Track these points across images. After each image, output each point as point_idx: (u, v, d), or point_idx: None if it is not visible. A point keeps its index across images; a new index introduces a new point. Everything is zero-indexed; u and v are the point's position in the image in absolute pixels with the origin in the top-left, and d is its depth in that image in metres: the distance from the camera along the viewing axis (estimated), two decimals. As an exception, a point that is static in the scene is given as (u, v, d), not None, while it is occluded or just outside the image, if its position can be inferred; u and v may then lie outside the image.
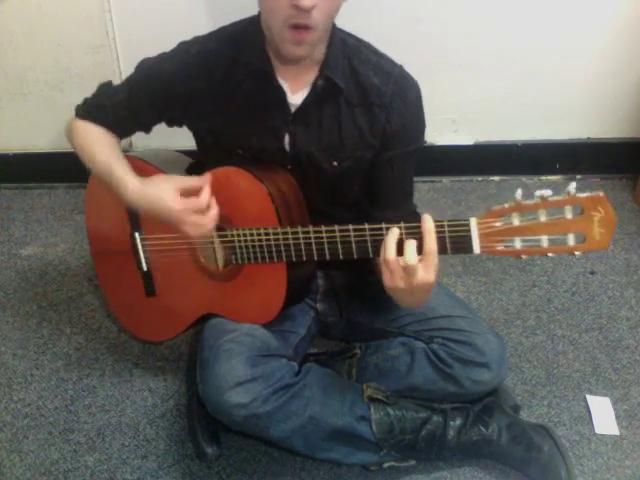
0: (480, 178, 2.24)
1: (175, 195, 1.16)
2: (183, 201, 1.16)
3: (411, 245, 1.02)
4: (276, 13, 1.07)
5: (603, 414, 1.46)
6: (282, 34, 1.09)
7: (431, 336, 1.33)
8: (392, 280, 1.05)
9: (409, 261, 1.01)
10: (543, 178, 2.20)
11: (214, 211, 1.18)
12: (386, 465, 1.33)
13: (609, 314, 1.72)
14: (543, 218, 0.96)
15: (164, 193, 1.17)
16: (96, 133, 1.33)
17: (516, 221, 0.98)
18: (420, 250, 1.02)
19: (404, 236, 1.05)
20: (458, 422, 1.31)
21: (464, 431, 1.31)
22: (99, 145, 1.30)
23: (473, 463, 1.36)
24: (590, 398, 1.49)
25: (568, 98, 2.10)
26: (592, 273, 1.85)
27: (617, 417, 1.45)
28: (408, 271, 1.02)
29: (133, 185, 1.21)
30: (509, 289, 1.81)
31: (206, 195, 1.17)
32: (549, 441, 1.30)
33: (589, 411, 1.47)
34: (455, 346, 1.30)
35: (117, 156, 1.28)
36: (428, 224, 1.02)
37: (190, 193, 1.17)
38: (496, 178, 2.24)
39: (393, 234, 1.05)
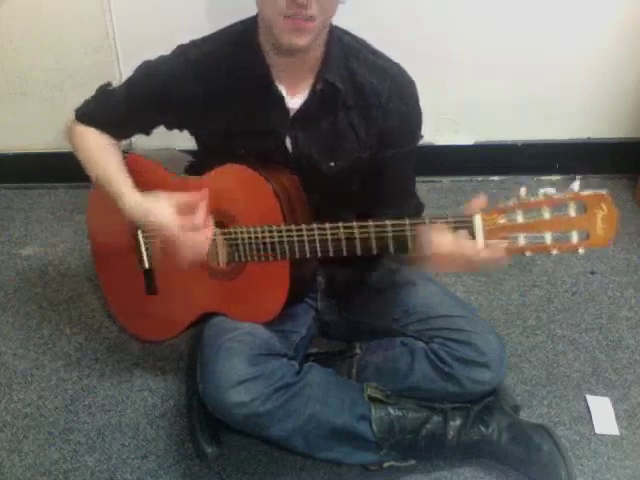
0: (480, 178, 2.24)
1: (171, 213, 1.16)
2: (179, 219, 1.16)
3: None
4: (272, 5, 1.07)
5: (603, 414, 1.46)
6: (279, 24, 1.08)
7: (431, 336, 1.33)
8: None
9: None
10: (543, 178, 2.20)
11: (209, 231, 1.18)
12: (386, 465, 1.33)
13: (609, 314, 1.72)
14: (547, 215, 0.97)
15: (161, 210, 1.17)
16: (96, 140, 1.33)
17: (520, 218, 0.99)
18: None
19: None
20: (458, 422, 1.31)
21: (464, 431, 1.31)
22: (99, 154, 1.31)
23: (473, 463, 1.36)
24: (590, 398, 1.49)
25: (568, 98, 2.10)
26: (592, 273, 1.85)
27: (617, 417, 1.45)
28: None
29: (130, 199, 1.23)
30: (509, 289, 1.81)
31: (202, 213, 1.16)
32: (549, 441, 1.30)
33: (589, 411, 1.47)
34: (455, 346, 1.30)
35: (117, 167, 1.30)
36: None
37: (188, 209, 1.17)
38: (496, 178, 2.24)
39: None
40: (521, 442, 1.30)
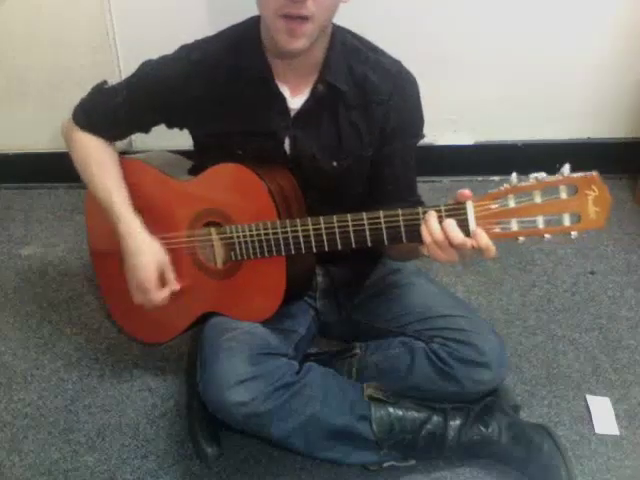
0: (480, 178, 2.24)
1: (153, 277, 1.28)
2: (156, 286, 1.29)
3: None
4: (269, 3, 1.07)
5: (603, 414, 1.46)
6: (276, 24, 1.08)
7: (431, 336, 1.33)
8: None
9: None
10: (543, 178, 2.19)
11: (163, 295, 1.30)
12: (386, 465, 1.33)
13: (609, 314, 1.72)
14: (538, 199, 0.98)
15: (147, 267, 1.28)
16: (95, 151, 1.34)
17: (512, 203, 1.00)
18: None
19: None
20: (458, 422, 1.31)
21: (464, 431, 1.31)
22: (98, 169, 1.33)
23: (473, 463, 1.36)
24: (590, 398, 1.49)
25: (568, 98, 2.10)
26: (592, 273, 1.85)
27: (617, 417, 1.45)
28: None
29: (127, 229, 1.29)
30: (509, 289, 1.81)
31: (166, 294, 1.30)
32: (549, 441, 1.30)
33: (589, 411, 1.47)
34: (455, 346, 1.30)
35: (117, 184, 1.32)
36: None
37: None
38: (496, 178, 2.20)
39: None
40: (521, 442, 1.30)
